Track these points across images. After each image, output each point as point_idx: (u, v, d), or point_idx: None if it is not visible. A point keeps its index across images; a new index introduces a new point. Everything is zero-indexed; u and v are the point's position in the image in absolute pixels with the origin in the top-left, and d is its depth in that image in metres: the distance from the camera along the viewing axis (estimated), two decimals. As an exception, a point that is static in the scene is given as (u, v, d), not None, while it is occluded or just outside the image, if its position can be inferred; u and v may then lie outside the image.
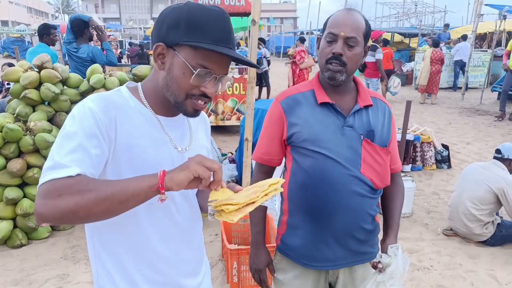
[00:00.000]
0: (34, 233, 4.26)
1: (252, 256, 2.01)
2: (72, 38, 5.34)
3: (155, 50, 1.27)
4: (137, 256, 1.34)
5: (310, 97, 1.81)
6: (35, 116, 4.28)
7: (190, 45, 1.22)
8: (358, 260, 1.88)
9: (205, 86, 1.27)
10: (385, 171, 1.85)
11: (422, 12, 31.72)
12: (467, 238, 4.27)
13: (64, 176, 1.08)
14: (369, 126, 1.79)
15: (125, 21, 60.62)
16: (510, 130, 9.25)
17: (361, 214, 1.80)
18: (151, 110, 1.33)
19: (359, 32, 1.72)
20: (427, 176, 6.32)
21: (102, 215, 1.12)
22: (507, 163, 4.14)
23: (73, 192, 1.07)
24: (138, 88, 1.36)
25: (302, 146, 1.78)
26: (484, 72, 15.03)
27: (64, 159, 1.12)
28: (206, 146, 1.55)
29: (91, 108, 1.20)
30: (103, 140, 1.19)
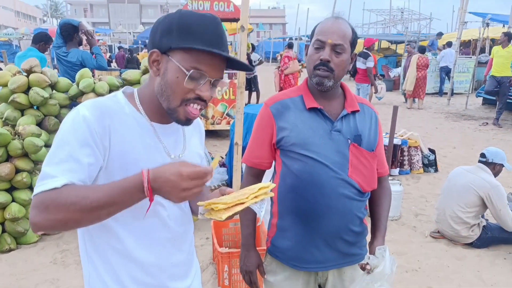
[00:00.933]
0: (23, 238, 4.22)
1: (243, 258, 2.03)
2: (62, 42, 5.32)
3: (150, 57, 1.30)
4: (127, 260, 1.35)
5: (299, 102, 1.85)
6: (23, 120, 4.26)
7: (182, 49, 1.24)
8: (347, 262, 1.91)
9: (200, 89, 1.27)
10: (372, 175, 1.90)
11: (408, 19, 32.13)
12: (454, 241, 4.34)
13: (50, 188, 1.11)
14: (356, 131, 1.83)
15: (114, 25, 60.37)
16: (495, 134, 9.41)
17: (349, 216, 1.84)
18: (146, 117, 1.35)
19: (346, 40, 1.77)
20: (414, 179, 6.40)
21: (92, 222, 1.16)
22: (491, 167, 4.22)
23: (59, 205, 1.10)
24: (135, 94, 1.37)
25: (291, 150, 1.81)
26: (469, 78, 15.29)
27: (53, 169, 1.15)
28: (199, 153, 1.56)
29: (85, 117, 1.20)
30: (96, 148, 1.21)
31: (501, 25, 15.60)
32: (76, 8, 76.06)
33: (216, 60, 1.28)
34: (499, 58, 10.07)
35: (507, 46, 10.02)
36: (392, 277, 1.69)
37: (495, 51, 10.36)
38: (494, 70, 10.17)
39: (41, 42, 5.87)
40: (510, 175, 6.49)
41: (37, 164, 4.32)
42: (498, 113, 10.38)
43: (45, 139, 4.31)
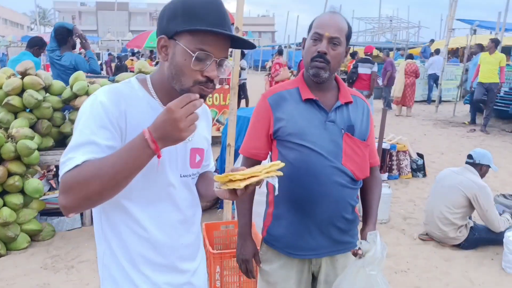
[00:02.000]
0: (13, 244, 4.19)
1: (239, 247, 2.09)
2: (56, 46, 5.33)
3: (158, 43, 1.35)
4: (140, 239, 1.42)
5: (295, 94, 1.93)
6: (17, 123, 4.27)
7: (188, 31, 1.29)
8: (340, 250, 1.99)
9: (207, 70, 1.32)
10: (365, 163, 1.98)
11: (397, 28, 32.48)
12: (442, 242, 4.41)
13: (72, 167, 1.20)
14: (349, 121, 1.92)
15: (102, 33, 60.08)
16: (482, 140, 9.54)
17: (342, 204, 1.92)
18: (158, 101, 1.41)
19: (342, 33, 1.86)
20: (403, 184, 6.48)
21: (113, 190, 1.23)
22: (478, 168, 4.30)
23: (80, 182, 1.18)
24: (147, 80, 1.44)
25: (288, 140, 1.89)
26: (456, 85, 15.47)
27: (74, 153, 1.23)
28: (207, 138, 1.62)
29: (103, 102, 1.28)
30: (114, 131, 1.28)
31: (489, 32, 15.83)
32: (65, 16, 75.44)
33: (220, 40, 1.33)
34: (486, 65, 10.16)
35: (494, 53, 10.14)
36: (383, 261, 1.76)
37: (482, 57, 10.45)
38: (482, 77, 10.24)
39: (35, 46, 5.93)
40: (498, 179, 6.64)
41: (29, 168, 4.32)
42: (486, 119, 10.51)
43: (38, 142, 4.31)
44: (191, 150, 1.51)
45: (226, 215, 4.10)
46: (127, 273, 1.43)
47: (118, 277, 1.44)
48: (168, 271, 1.50)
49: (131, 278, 1.44)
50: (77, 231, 4.63)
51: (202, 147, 1.58)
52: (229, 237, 3.83)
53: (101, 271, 1.49)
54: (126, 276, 1.44)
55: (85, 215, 4.74)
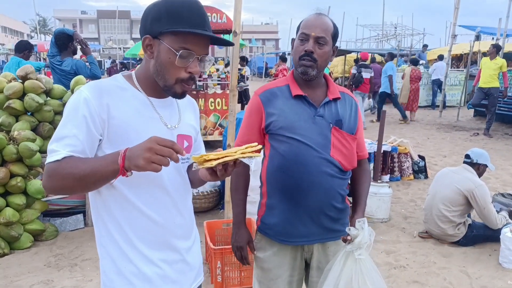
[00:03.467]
0: (17, 243, 4.25)
1: (234, 235, 2.19)
2: (56, 51, 5.42)
3: (143, 42, 1.47)
4: (133, 219, 1.51)
5: (286, 90, 2.04)
6: (19, 125, 4.33)
7: (171, 32, 1.41)
8: (331, 237, 2.07)
9: (190, 66, 1.45)
10: (352, 155, 2.07)
11: (401, 35, 32.52)
12: (441, 239, 4.45)
13: (53, 160, 1.35)
14: (337, 116, 2.01)
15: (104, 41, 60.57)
16: (485, 144, 9.53)
17: (332, 193, 2.01)
18: (143, 93, 1.52)
19: (328, 33, 1.96)
20: (405, 185, 6.51)
21: (83, 189, 1.40)
22: (475, 167, 4.36)
23: (58, 174, 1.34)
24: (132, 75, 1.55)
25: (279, 133, 1.99)
26: (460, 90, 15.49)
27: (57, 145, 1.37)
28: (194, 126, 1.71)
29: (85, 97, 1.40)
30: (93, 123, 1.39)
31: (491, 38, 15.84)
32: (65, 24, 76.03)
33: (201, 39, 1.45)
34: (486, 70, 10.22)
35: (494, 58, 10.19)
36: (370, 246, 1.87)
37: (483, 62, 10.52)
38: (482, 82, 10.30)
39: (25, 50, 6.23)
40: (500, 180, 6.65)
41: (31, 169, 4.39)
42: (488, 123, 10.53)
43: (40, 144, 4.38)
44: (178, 136, 1.59)
45: (228, 214, 4.16)
46: (123, 251, 1.51)
47: (115, 255, 1.52)
48: (163, 248, 1.57)
49: (127, 255, 1.51)
50: (80, 232, 4.68)
51: (190, 134, 1.66)
52: (230, 235, 3.85)
53: (99, 251, 1.57)
54: (122, 253, 1.52)
55: (88, 216, 4.80)
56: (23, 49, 6.22)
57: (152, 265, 1.54)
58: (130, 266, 1.52)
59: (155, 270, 1.55)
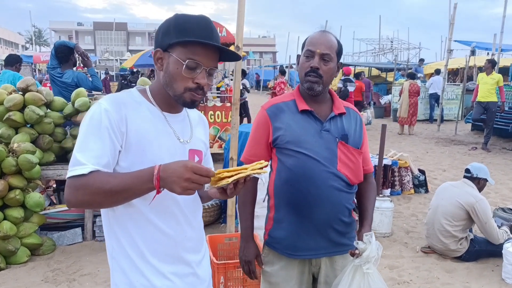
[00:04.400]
0: (13, 257, 4.19)
1: (242, 249, 2.18)
2: (56, 63, 5.41)
3: (155, 55, 1.54)
4: (145, 233, 1.53)
5: (292, 105, 2.08)
6: (18, 137, 4.31)
7: (179, 43, 1.46)
8: (338, 251, 2.08)
9: (197, 77, 1.48)
10: (358, 169, 2.10)
11: (397, 49, 32.76)
12: (444, 255, 4.43)
13: (79, 174, 1.35)
14: (343, 131, 2.05)
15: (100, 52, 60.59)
16: (484, 158, 9.54)
17: (339, 207, 2.02)
18: (158, 108, 1.56)
19: (333, 50, 2.01)
20: (405, 200, 6.48)
21: (111, 205, 1.44)
22: (476, 181, 4.36)
23: (86, 189, 1.35)
24: (147, 90, 1.60)
25: (286, 147, 2.01)
26: (457, 105, 15.59)
27: (82, 156, 1.38)
28: (204, 142, 1.75)
29: (105, 108, 1.43)
30: (115, 135, 1.43)
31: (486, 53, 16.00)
32: (61, 35, 76.24)
33: (209, 51, 1.49)
34: (484, 85, 10.31)
35: (491, 73, 10.29)
36: (378, 260, 1.88)
37: (480, 77, 10.63)
38: (480, 96, 10.39)
39: (16, 63, 6.46)
40: (499, 195, 6.64)
41: (30, 182, 4.34)
42: (486, 138, 10.58)
43: (39, 157, 4.35)
44: (190, 151, 1.62)
45: (230, 228, 4.13)
46: (135, 263, 1.53)
47: (127, 268, 1.54)
48: (174, 261, 1.59)
49: (139, 268, 1.53)
50: (78, 246, 4.62)
51: (200, 149, 1.69)
52: (233, 249, 3.84)
53: (110, 263, 1.59)
54: (134, 266, 1.53)
55: (86, 230, 4.73)
56: (14, 62, 6.42)
57: (163, 278, 1.55)
58: (141, 279, 1.53)
59: (166, 283, 1.56)
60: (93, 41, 74.14)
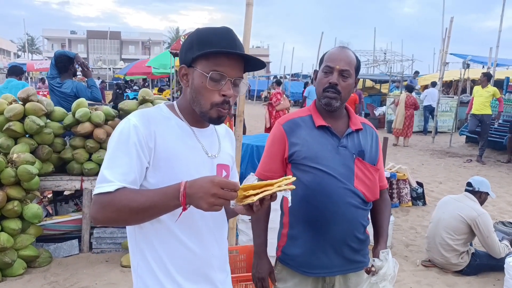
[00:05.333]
0: (9, 270, 4.11)
1: (255, 266, 2.16)
2: (56, 73, 5.38)
3: (180, 72, 1.54)
4: (171, 250, 1.51)
5: (308, 121, 2.07)
6: (18, 148, 4.27)
7: (202, 56, 1.45)
8: (352, 268, 2.06)
9: (223, 89, 1.46)
10: (375, 186, 2.09)
11: (391, 60, 32.98)
12: (445, 268, 4.42)
13: (106, 191, 1.35)
14: (360, 147, 2.04)
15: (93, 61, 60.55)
16: (479, 171, 9.61)
17: (355, 224, 2.01)
18: (186, 123, 1.56)
19: (352, 66, 2.02)
20: (403, 212, 6.48)
21: (137, 222, 1.43)
22: (477, 195, 4.37)
23: (113, 206, 1.35)
24: (174, 106, 1.60)
25: (303, 163, 2.00)
26: (452, 117, 15.72)
27: (109, 173, 1.38)
28: (232, 156, 1.75)
29: (134, 124, 1.43)
30: (143, 151, 1.42)
31: (481, 67, 16.18)
32: (54, 43, 76.16)
33: (232, 61, 1.47)
34: (479, 97, 10.44)
35: (486, 86, 10.41)
36: (394, 278, 1.86)
37: (475, 90, 10.76)
38: (475, 109, 10.52)
39: (21, 74, 6.88)
40: (496, 208, 6.67)
41: (28, 193, 4.29)
42: (481, 150, 10.67)
43: (39, 168, 4.30)
44: (218, 165, 1.61)
45: (230, 241, 4.09)
46: (160, 281, 1.51)
47: (151, 286, 1.52)
48: (200, 280, 1.57)
49: (164, 286, 1.51)
50: (75, 258, 4.55)
51: (228, 164, 1.68)
52: (234, 262, 3.79)
53: (134, 281, 1.57)
54: (159, 284, 1.51)
55: (83, 241, 4.67)
56: (20, 73, 6.75)
57: None
58: None
59: None
60: (86, 49, 74.04)
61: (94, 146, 4.58)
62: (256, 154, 5.64)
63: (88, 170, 4.56)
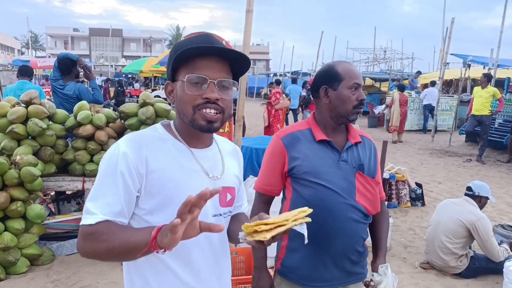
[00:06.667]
0: (12, 268, 4.17)
1: (256, 279, 2.13)
2: (59, 75, 5.42)
3: (166, 89, 1.47)
4: (164, 282, 1.42)
5: (308, 134, 2.05)
6: (21, 150, 4.31)
7: (179, 64, 1.38)
8: (351, 280, 2.06)
9: (205, 92, 1.36)
10: (376, 199, 2.09)
11: (391, 58, 32.95)
12: (443, 271, 4.45)
13: (87, 223, 1.29)
14: (359, 160, 2.03)
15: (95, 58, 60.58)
16: (479, 171, 9.64)
17: (356, 238, 2.01)
18: (184, 144, 1.45)
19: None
20: (402, 213, 6.51)
21: (114, 261, 1.35)
22: (477, 199, 4.39)
23: (92, 240, 1.28)
24: (171, 125, 1.49)
25: (303, 178, 1.98)
26: (451, 116, 15.74)
27: (93, 205, 1.31)
28: (238, 176, 1.63)
29: (123, 152, 1.34)
30: (131, 179, 1.33)
31: (482, 67, 16.17)
32: (57, 40, 76.28)
33: (211, 61, 1.37)
34: (479, 98, 10.45)
35: (486, 87, 10.41)
36: None
37: (475, 91, 10.76)
38: (474, 110, 10.53)
39: (32, 74, 6.85)
40: (496, 209, 6.69)
41: (31, 193, 4.33)
42: (481, 150, 10.68)
43: (41, 169, 4.35)
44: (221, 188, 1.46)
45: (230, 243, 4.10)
46: None
47: None
48: None
49: None
50: (77, 256, 4.59)
51: (233, 186, 1.57)
52: (233, 264, 3.78)
53: None
54: None
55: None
56: (31, 73, 6.70)
57: None
58: None
59: None
60: (88, 46, 74.00)
61: (95, 148, 4.62)
62: (255, 157, 5.66)
63: (89, 171, 4.60)
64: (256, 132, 14.20)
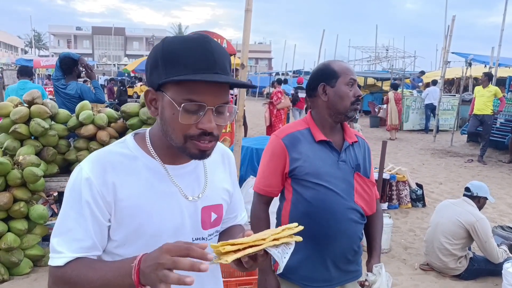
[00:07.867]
0: (16, 269, 4.21)
1: (262, 282, 2.12)
2: (61, 75, 5.44)
3: (146, 97, 1.21)
4: None
5: (308, 134, 2.05)
6: (23, 150, 4.34)
7: (172, 82, 1.11)
8: (348, 279, 2.10)
9: (201, 121, 1.13)
10: (372, 200, 2.12)
11: (393, 57, 32.90)
12: (443, 273, 4.46)
13: (56, 265, 1.16)
14: (356, 160, 2.05)
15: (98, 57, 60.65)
16: (480, 171, 9.63)
17: (354, 238, 2.05)
18: (159, 161, 1.25)
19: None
20: (403, 214, 6.52)
21: None
22: (476, 200, 4.40)
23: (64, 283, 1.15)
24: (146, 137, 1.28)
25: (304, 179, 1.99)
26: (453, 115, 15.73)
27: (59, 242, 1.17)
28: (226, 189, 1.42)
29: (87, 177, 1.17)
30: (98, 208, 1.17)
31: (483, 65, 16.15)
32: (60, 39, 76.37)
33: (212, 85, 1.13)
34: (480, 98, 10.45)
35: (487, 86, 10.40)
36: None
37: (476, 90, 10.76)
38: (476, 109, 10.52)
39: (32, 74, 7.05)
40: (496, 210, 6.70)
41: (34, 194, 4.36)
42: (482, 150, 10.67)
43: (44, 169, 4.37)
44: (203, 209, 1.31)
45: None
46: None
47: None
48: None
49: None
50: (80, 257, 4.62)
51: (220, 203, 1.37)
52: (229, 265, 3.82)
53: None
54: None
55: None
56: (31, 73, 6.84)
57: None
58: None
59: None
60: (91, 45, 74.11)
61: (97, 148, 4.63)
62: (255, 157, 5.68)
63: (91, 172, 4.62)
64: (258, 132, 14.22)
